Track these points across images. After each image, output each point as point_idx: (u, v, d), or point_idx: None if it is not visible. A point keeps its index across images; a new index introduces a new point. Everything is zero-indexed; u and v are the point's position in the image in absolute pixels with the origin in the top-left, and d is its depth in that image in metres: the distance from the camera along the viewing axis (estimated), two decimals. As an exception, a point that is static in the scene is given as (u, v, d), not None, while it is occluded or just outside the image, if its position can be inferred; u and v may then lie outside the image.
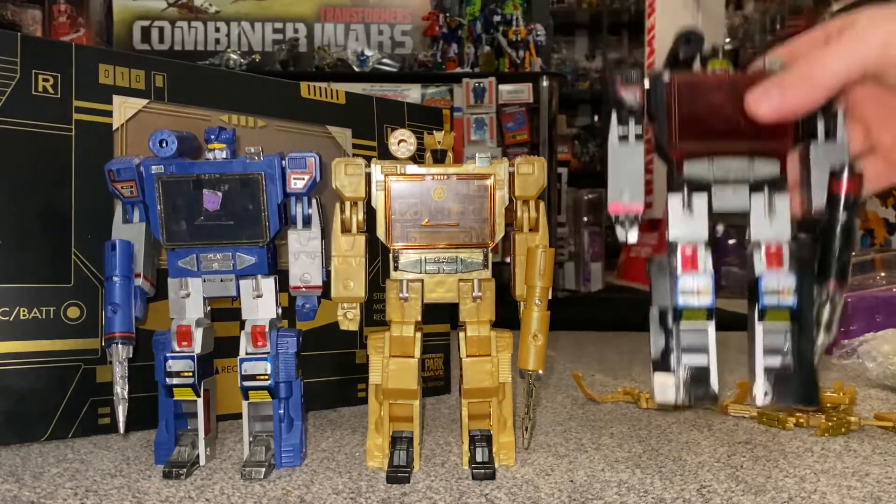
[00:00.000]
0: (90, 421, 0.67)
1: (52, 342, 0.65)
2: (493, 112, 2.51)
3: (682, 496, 0.52)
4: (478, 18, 2.79)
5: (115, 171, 0.56)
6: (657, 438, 0.66)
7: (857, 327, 1.15)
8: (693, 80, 0.51)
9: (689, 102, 0.50)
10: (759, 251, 0.51)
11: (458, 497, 0.51)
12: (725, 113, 0.50)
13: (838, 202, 0.49)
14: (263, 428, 0.59)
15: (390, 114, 0.87)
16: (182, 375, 0.57)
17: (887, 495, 0.52)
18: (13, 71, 0.65)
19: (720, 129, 0.50)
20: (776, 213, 0.51)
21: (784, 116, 0.48)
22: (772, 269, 0.50)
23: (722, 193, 0.51)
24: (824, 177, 0.50)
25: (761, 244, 0.51)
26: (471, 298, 0.58)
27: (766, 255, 0.51)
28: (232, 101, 0.76)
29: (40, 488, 0.53)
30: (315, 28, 3.01)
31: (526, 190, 0.59)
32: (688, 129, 0.50)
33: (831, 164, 0.50)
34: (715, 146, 0.51)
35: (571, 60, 4.71)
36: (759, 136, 0.50)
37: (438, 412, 0.78)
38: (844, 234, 0.49)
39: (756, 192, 0.51)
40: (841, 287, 0.49)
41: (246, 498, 0.51)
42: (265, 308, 0.58)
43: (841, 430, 0.68)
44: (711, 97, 0.50)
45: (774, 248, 0.50)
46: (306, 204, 0.58)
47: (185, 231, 0.57)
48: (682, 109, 0.50)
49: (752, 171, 0.51)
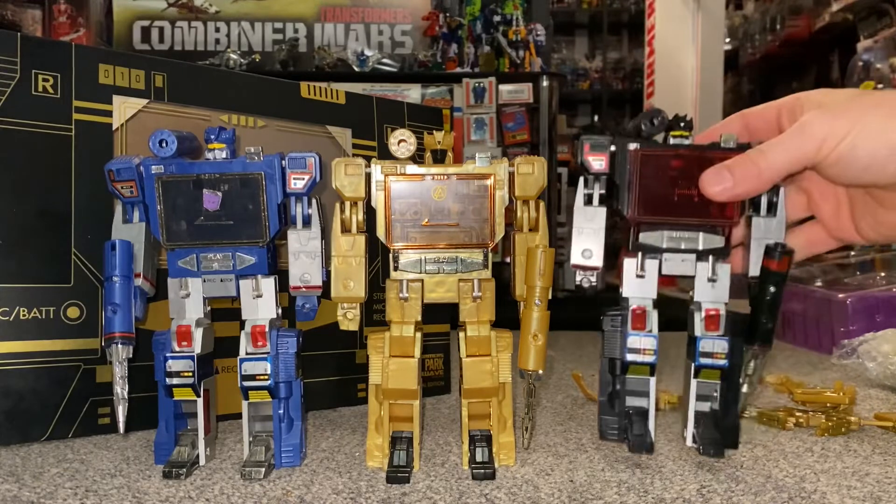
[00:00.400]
0: (90, 421, 0.67)
1: (52, 342, 0.65)
2: (493, 112, 2.51)
3: (682, 496, 0.52)
4: (478, 18, 2.79)
5: (114, 171, 0.56)
6: (657, 439, 0.66)
7: (857, 327, 1.16)
8: (654, 158, 0.57)
9: (650, 178, 0.57)
10: (699, 312, 0.58)
11: (458, 497, 0.51)
12: (681, 190, 0.56)
13: (769, 277, 0.56)
14: (263, 428, 0.59)
15: (390, 114, 0.87)
16: (182, 375, 0.57)
17: (887, 495, 0.52)
18: (13, 71, 0.65)
19: (675, 205, 0.57)
20: (718, 280, 0.58)
21: (733, 198, 0.55)
22: (709, 331, 0.58)
23: (672, 261, 0.58)
24: (761, 250, 0.57)
25: (702, 307, 0.58)
26: (471, 298, 0.58)
27: (706, 317, 0.58)
28: (232, 101, 0.76)
29: (40, 488, 0.53)
30: (315, 28, 3.01)
31: (526, 190, 0.59)
32: (646, 203, 0.57)
33: (768, 240, 0.57)
34: (669, 220, 0.58)
35: (571, 60, 4.71)
36: (710, 213, 0.57)
37: (438, 412, 0.78)
38: (771, 306, 0.57)
39: (701, 260, 0.58)
40: (764, 349, 0.57)
41: (246, 498, 0.51)
42: (265, 308, 0.58)
43: (841, 430, 0.68)
44: (670, 175, 0.57)
45: (714, 311, 0.58)
46: (306, 204, 0.58)
47: (185, 231, 0.57)
48: (642, 184, 0.57)
49: (699, 242, 0.58)
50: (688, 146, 0.57)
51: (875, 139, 0.50)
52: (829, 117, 0.51)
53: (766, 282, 0.56)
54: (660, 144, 0.57)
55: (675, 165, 0.56)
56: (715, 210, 0.56)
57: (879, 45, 2.50)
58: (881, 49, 2.48)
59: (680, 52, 3.59)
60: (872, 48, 2.53)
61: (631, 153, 0.56)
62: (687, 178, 0.56)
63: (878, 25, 2.61)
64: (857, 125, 0.50)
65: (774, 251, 0.56)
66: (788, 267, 0.56)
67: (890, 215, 0.55)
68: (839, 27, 2.91)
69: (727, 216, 0.57)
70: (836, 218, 0.59)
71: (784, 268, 0.56)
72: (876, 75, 2.47)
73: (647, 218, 0.57)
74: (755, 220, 0.58)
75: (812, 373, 1.03)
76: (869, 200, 0.56)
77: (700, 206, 0.56)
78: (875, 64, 2.52)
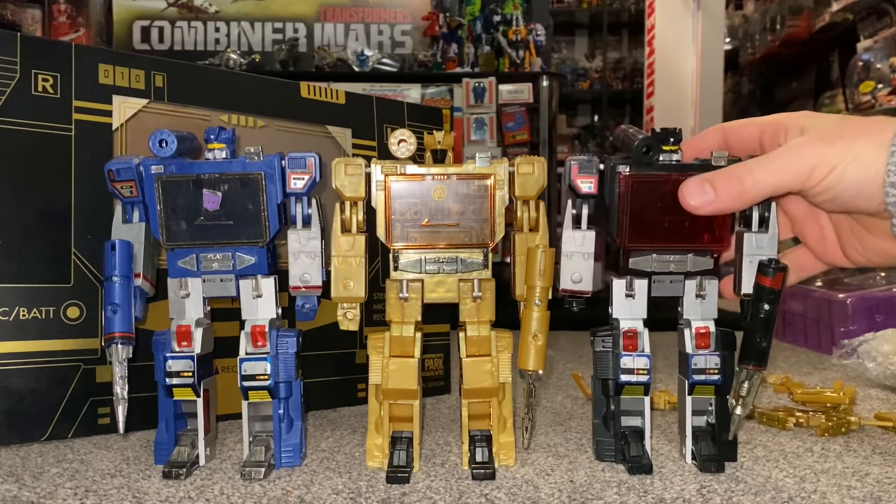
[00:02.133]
0: (90, 421, 0.67)
1: (52, 342, 0.65)
2: (493, 112, 2.51)
3: (682, 496, 0.52)
4: (478, 18, 2.79)
5: (114, 171, 0.56)
6: (657, 438, 0.66)
7: (857, 327, 1.16)
8: (645, 185, 0.56)
9: (640, 205, 0.56)
10: (689, 330, 0.58)
11: (457, 497, 0.51)
12: (672, 216, 0.55)
13: (762, 295, 0.55)
14: (263, 428, 0.59)
15: (390, 114, 0.87)
16: (182, 375, 0.57)
17: (887, 495, 0.52)
18: (13, 71, 0.65)
19: (666, 231, 0.56)
20: (706, 296, 0.58)
21: (713, 213, 0.53)
22: (700, 349, 0.58)
23: (661, 282, 0.58)
24: (753, 266, 0.56)
25: (692, 324, 0.58)
26: (471, 298, 0.58)
27: (697, 335, 0.58)
28: (232, 101, 0.76)
29: (40, 488, 0.53)
30: (315, 28, 3.01)
31: (526, 190, 0.59)
32: (637, 230, 0.56)
33: (760, 256, 0.56)
34: (660, 246, 0.57)
35: (571, 60, 4.71)
36: (701, 239, 0.56)
37: (438, 412, 0.78)
38: (765, 324, 0.55)
39: (689, 278, 0.58)
40: (758, 369, 0.55)
41: (246, 498, 0.51)
42: (265, 308, 0.58)
43: (841, 430, 0.68)
44: (661, 200, 0.56)
45: (704, 328, 0.58)
46: (306, 204, 0.58)
47: (184, 231, 0.57)
48: (633, 212, 0.56)
49: (688, 265, 0.57)
50: (678, 165, 0.55)
51: (865, 169, 0.48)
52: (821, 144, 0.50)
53: (759, 299, 0.54)
54: (649, 166, 0.56)
55: (665, 191, 0.55)
56: (707, 236, 0.56)
57: (879, 45, 2.50)
58: (881, 49, 2.48)
59: (680, 52, 3.59)
60: (872, 48, 2.53)
61: (621, 179, 0.55)
62: (678, 203, 0.54)
63: (878, 25, 2.61)
64: (848, 155, 0.49)
65: (768, 267, 0.54)
66: (783, 284, 0.54)
67: (878, 241, 0.54)
68: (839, 27, 2.91)
69: (718, 240, 0.56)
70: (822, 242, 0.58)
71: (778, 284, 0.54)
72: (876, 75, 2.47)
73: (637, 245, 0.57)
74: (746, 235, 0.56)
75: (812, 373, 1.03)
76: (856, 226, 0.55)
77: (691, 231, 0.56)
78: (875, 64, 2.52)
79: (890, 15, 2.54)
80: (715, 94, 3.57)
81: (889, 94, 2.10)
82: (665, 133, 0.56)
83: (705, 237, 0.56)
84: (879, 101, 2.14)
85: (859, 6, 2.68)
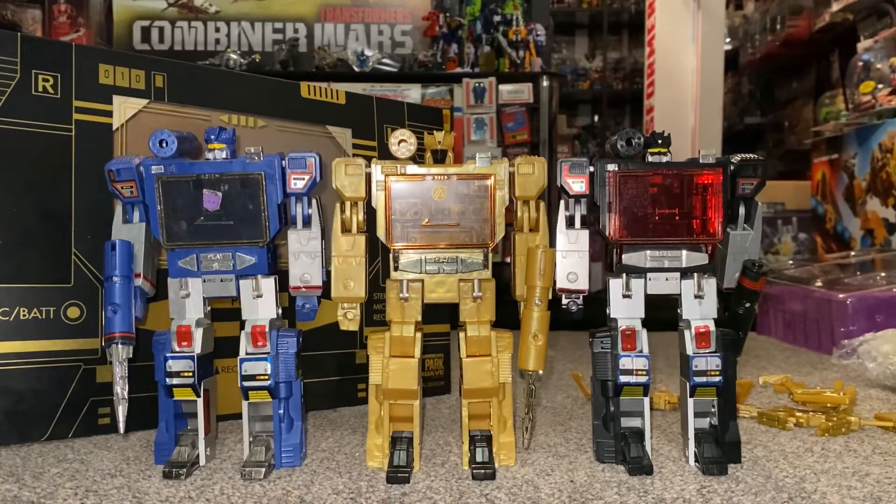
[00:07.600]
0: (90, 421, 0.67)
1: (52, 342, 0.65)
2: (493, 112, 2.51)
3: (682, 496, 0.52)
4: (478, 18, 2.79)
5: (114, 171, 0.56)
6: (657, 438, 0.66)
7: (857, 327, 1.15)
8: (634, 178, 0.57)
9: (630, 199, 0.57)
10: (689, 330, 0.58)
11: (458, 497, 0.51)
12: (662, 209, 0.56)
13: (743, 294, 0.57)
14: (263, 428, 0.59)
15: (390, 114, 0.87)
16: (182, 375, 0.57)
17: (887, 495, 0.52)
18: (13, 71, 0.65)
19: (657, 225, 0.57)
20: (704, 296, 0.58)
21: None
22: (701, 349, 0.58)
23: (657, 280, 0.58)
24: (737, 264, 0.57)
25: (691, 324, 0.58)
26: (471, 298, 0.58)
27: (697, 335, 0.58)
28: (232, 101, 0.76)
29: (40, 488, 0.53)
30: (315, 28, 3.01)
31: (526, 190, 0.59)
32: (627, 225, 0.57)
33: (744, 255, 0.57)
34: (651, 240, 0.57)
35: (571, 60, 4.70)
36: (692, 232, 0.57)
37: (438, 412, 0.78)
38: (744, 320, 0.58)
39: (686, 277, 0.58)
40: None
41: (246, 498, 0.51)
42: (265, 308, 0.58)
43: (841, 430, 0.68)
44: (650, 194, 0.57)
45: (703, 328, 0.57)
46: (306, 204, 0.58)
47: (185, 231, 0.57)
48: (622, 206, 0.57)
49: (683, 260, 0.58)
50: (666, 164, 0.57)
51: None
52: None
53: (741, 298, 0.57)
54: (638, 164, 0.57)
55: (654, 185, 0.56)
56: (698, 228, 0.57)
57: (879, 45, 2.49)
58: (881, 49, 2.48)
59: (680, 52, 3.58)
60: (872, 48, 2.53)
61: (610, 175, 0.57)
62: (668, 197, 0.56)
63: (878, 25, 2.61)
64: None
65: (752, 270, 0.56)
66: (763, 286, 0.57)
67: None
68: (839, 27, 2.91)
69: (710, 234, 0.57)
70: None
71: (760, 286, 0.57)
72: (876, 75, 2.47)
73: (628, 239, 0.57)
74: (732, 234, 0.58)
75: (812, 373, 1.03)
76: None
77: (682, 224, 0.57)
78: (875, 64, 2.52)
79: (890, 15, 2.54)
80: (715, 94, 3.57)
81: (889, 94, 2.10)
82: (654, 136, 0.57)
83: (696, 231, 0.57)
84: (879, 102, 2.14)
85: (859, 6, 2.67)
